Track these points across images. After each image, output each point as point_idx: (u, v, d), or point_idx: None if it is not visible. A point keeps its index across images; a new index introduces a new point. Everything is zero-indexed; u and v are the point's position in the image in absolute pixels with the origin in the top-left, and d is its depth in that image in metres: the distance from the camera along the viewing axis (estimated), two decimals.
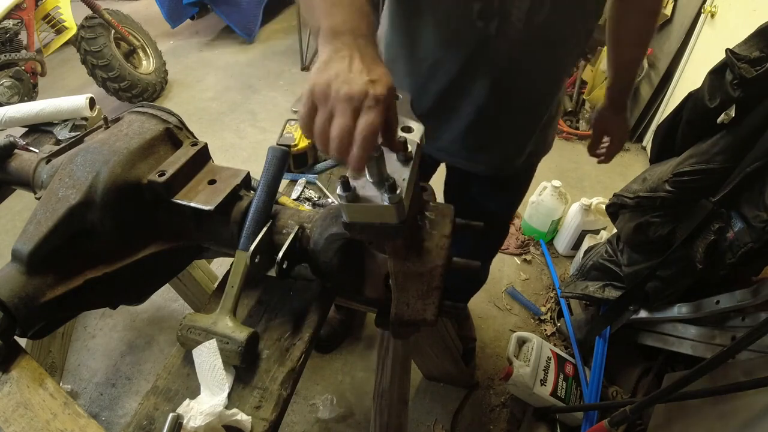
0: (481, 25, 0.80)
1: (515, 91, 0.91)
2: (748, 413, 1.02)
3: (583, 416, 1.48)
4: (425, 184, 0.73)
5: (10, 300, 0.61)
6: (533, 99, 0.96)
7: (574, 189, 2.50)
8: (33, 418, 0.61)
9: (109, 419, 1.57)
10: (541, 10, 0.78)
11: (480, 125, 0.96)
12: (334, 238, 0.66)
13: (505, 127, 0.98)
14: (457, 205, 0.67)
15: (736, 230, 1.09)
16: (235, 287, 0.69)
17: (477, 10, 0.78)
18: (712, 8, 2.20)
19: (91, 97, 1.21)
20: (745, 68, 1.01)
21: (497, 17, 0.79)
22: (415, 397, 1.66)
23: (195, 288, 1.46)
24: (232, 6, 3.67)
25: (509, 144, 1.03)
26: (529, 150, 1.06)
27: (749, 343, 0.92)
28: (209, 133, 2.88)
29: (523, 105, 0.95)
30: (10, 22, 2.43)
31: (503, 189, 1.19)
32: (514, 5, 0.77)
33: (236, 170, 0.76)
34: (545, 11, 0.78)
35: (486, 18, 0.79)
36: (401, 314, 0.64)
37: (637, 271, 1.38)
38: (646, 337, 1.48)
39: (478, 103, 0.92)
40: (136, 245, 0.71)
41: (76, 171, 0.67)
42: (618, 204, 1.42)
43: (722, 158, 1.11)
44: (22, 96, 2.43)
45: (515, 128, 1.00)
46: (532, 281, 2.10)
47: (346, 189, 0.51)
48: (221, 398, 0.62)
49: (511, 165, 1.07)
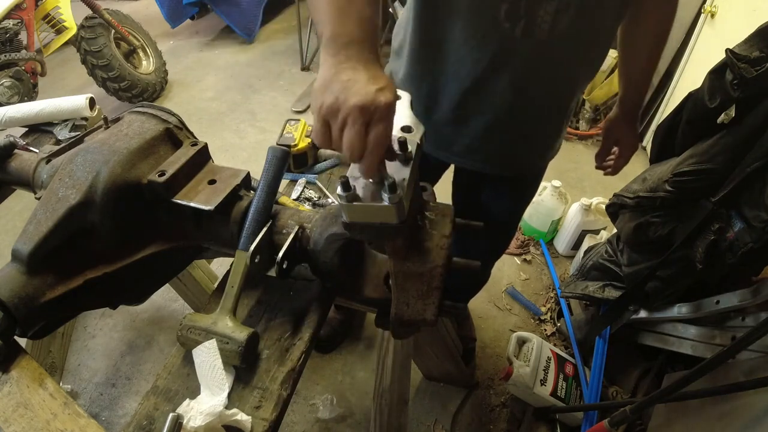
0: (508, 26, 0.80)
1: (537, 94, 0.92)
2: (748, 413, 1.02)
3: (583, 416, 1.48)
4: (425, 183, 0.73)
5: (10, 300, 0.61)
6: (553, 102, 0.97)
7: (574, 189, 2.50)
8: (33, 418, 0.61)
9: (109, 419, 1.57)
10: (566, 13, 0.78)
11: (500, 127, 0.96)
12: (334, 238, 0.66)
13: (525, 129, 0.99)
14: (466, 208, 0.67)
15: (736, 230, 1.09)
16: (235, 287, 0.69)
17: (504, 10, 0.78)
18: (712, 8, 2.20)
19: (91, 97, 1.21)
20: (745, 68, 1.01)
21: (524, 19, 0.79)
22: (415, 397, 1.66)
23: (195, 288, 1.46)
24: (232, 6, 3.67)
25: (526, 146, 1.04)
26: (543, 152, 1.07)
27: (749, 343, 0.92)
28: (209, 133, 2.88)
29: (543, 107, 0.96)
30: (10, 22, 2.42)
31: (513, 191, 1.19)
32: (542, 7, 0.78)
33: (236, 170, 0.76)
34: (571, 15, 0.79)
35: (513, 19, 0.79)
36: (401, 314, 0.64)
37: (637, 271, 1.38)
38: (646, 337, 1.48)
39: (500, 104, 0.92)
40: (136, 245, 0.71)
41: (76, 171, 0.67)
42: (618, 204, 1.42)
43: (722, 158, 1.11)
44: (22, 96, 2.43)
45: (534, 130, 1.01)
46: (532, 281, 2.10)
47: (346, 189, 0.51)
48: (221, 398, 0.62)
49: (527, 166, 1.09)
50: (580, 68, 0.94)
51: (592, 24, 0.84)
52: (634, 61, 1.07)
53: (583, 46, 0.87)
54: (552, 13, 0.78)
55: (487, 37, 0.83)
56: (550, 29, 0.80)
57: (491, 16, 0.80)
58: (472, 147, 1.01)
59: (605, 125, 1.18)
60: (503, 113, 0.93)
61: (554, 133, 1.06)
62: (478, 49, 0.85)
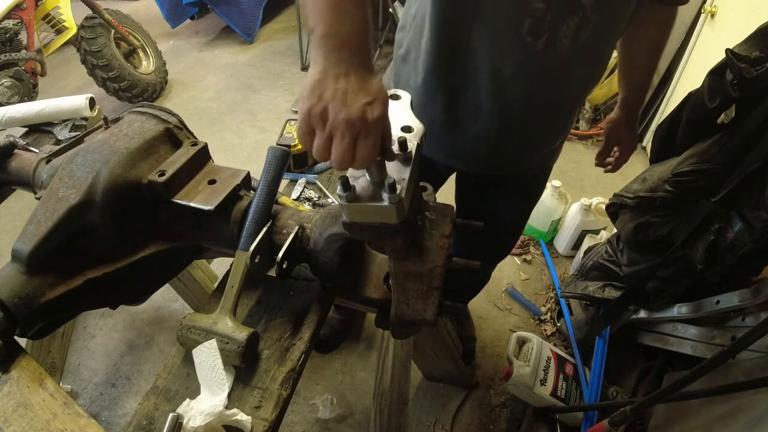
0: (530, 40, 0.81)
1: (549, 101, 0.93)
2: (748, 413, 1.02)
3: (583, 416, 1.48)
4: (425, 183, 0.73)
5: (10, 300, 0.61)
6: (561, 107, 0.99)
7: (574, 189, 2.50)
8: (33, 418, 0.61)
9: (109, 419, 1.57)
10: (587, 29, 0.80)
11: (511, 133, 0.97)
12: (334, 238, 0.66)
13: (534, 133, 1.00)
14: (471, 211, 0.67)
15: (736, 230, 1.09)
16: (235, 287, 0.69)
17: (528, 25, 0.79)
18: (712, 8, 2.20)
19: (91, 97, 1.21)
20: (745, 68, 1.01)
21: (546, 34, 0.80)
22: (415, 397, 1.66)
23: (195, 288, 1.46)
24: (232, 6, 3.67)
25: (535, 148, 1.05)
26: (550, 154, 1.10)
27: (749, 343, 0.92)
28: (209, 133, 2.88)
29: (552, 113, 0.98)
30: (10, 22, 2.42)
31: (519, 192, 1.20)
32: (564, 23, 0.78)
33: (236, 170, 0.76)
34: (591, 30, 0.80)
35: (535, 34, 0.80)
36: (401, 314, 0.64)
37: (637, 271, 1.38)
38: (646, 337, 1.48)
39: (514, 111, 0.93)
40: (136, 245, 0.71)
41: (76, 171, 0.67)
42: (618, 204, 1.42)
43: (722, 158, 1.11)
44: (22, 96, 2.43)
45: (542, 134, 1.03)
46: (532, 281, 2.10)
47: (346, 189, 0.51)
48: (221, 398, 0.62)
49: (534, 166, 1.11)
50: (591, 77, 0.96)
51: (608, 37, 0.86)
52: (635, 64, 1.09)
53: (597, 57, 0.90)
54: (573, 29, 0.79)
55: (510, 50, 0.83)
56: (571, 44, 0.81)
57: (515, 28, 0.80)
58: (483, 153, 1.02)
59: (607, 126, 1.22)
60: (515, 120, 0.94)
61: (560, 136, 1.08)
62: (500, 58, 0.85)
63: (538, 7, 0.76)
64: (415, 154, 0.55)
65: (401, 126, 0.57)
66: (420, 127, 0.57)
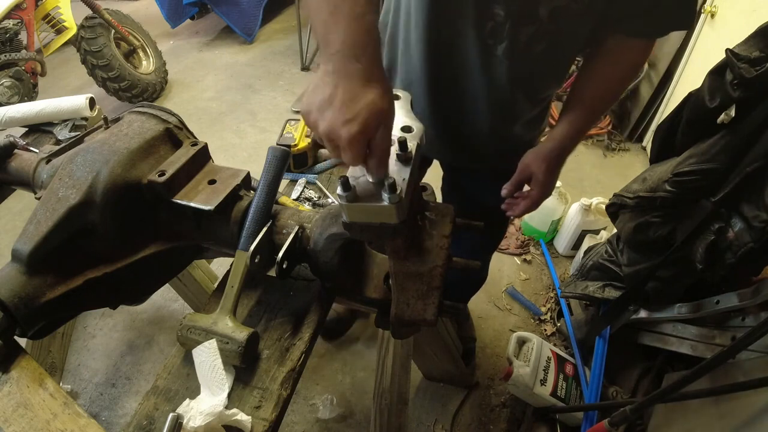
0: (491, 43, 0.84)
1: (511, 105, 0.97)
2: (748, 413, 1.02)
3: (583, 416, 1.48)
4: (425, 183, 0.73)
5: (10, 300, 0.61)
6: (524, 114, 1.02)
7: (574, 189, 2.50)
8: (33, 418, 0.61)
9: (109, 419, 1.57)
10: (543, 39, 0.83)
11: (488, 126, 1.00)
12: (334, 238, 0.66)
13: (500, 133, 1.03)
14: (455, 201, 0.68)
15: (736, 230, 1.09)
16: (235, 287, 0.69)
17: (489, 28, 0.82)
18: (712, 8, 2.20)
19: (91, 97, 1.22)
20: (745, 68, 1.01)
21: (506, 40, 0.83)
22: (415, 397, 1.66)
23: (195, 288, 1.46)
24: (232, 6, 3.67)
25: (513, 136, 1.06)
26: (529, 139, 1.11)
27: (749, 343, 0.92)
28: (209, 133, 2.88)
29: (513, 117, 1.01)
30: (10, 22, 2.42)
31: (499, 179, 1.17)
32: (522, 31, 0.81)
33: (236, 170, 0.76)
34: (547, 40, 0.83)
35: (495, 38, 0.83)
36: (401, 314, 0.64)
37: (637, 271, 1.38)
38: (646, 337, 1.48)
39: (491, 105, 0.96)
40: (136, 245, 0.71)
41: (76, 171, 0.67)
42: (618, 204, 1.42)
43: (722, 158, 1.11)
44: (22, 96, 2.44)
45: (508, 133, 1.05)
46: (532, 281, 2.10)
47: (346, 189, 0.51)
48: (221, 398, 0.62)
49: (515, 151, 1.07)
50: (549, 86, 1.00)
51: (564, 49, 0.90)
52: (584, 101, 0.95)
53: (554, 67, 0.95)
54: (530, 36, 0.82)
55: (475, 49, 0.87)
56: (527, 50, 0.84)
57: (479, 33, 0.83)
58: (462, 146, 1.06)
59: (524, 157, 1.01)
60: (494, 113, 0.97)
61: (530, 132, 1.10)
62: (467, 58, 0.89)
63: (499, 13, 0.80)
64: (415, 154, 0.55)
65: (401, 126, 0.57)
66: (420, 127, 0.57)
